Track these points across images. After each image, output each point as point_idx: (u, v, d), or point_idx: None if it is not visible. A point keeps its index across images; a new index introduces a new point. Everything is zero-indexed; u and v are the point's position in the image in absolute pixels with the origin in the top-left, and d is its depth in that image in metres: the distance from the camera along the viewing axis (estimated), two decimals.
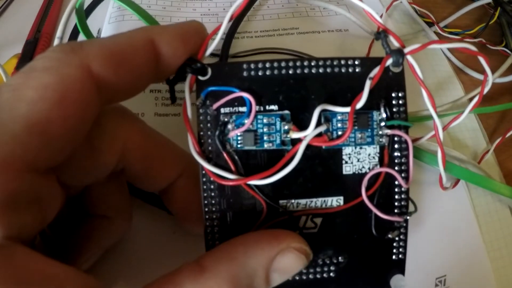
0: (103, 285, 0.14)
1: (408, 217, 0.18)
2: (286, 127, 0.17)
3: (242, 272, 0.15)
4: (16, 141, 0.13)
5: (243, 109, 0.17)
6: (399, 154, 0.18)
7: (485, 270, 0.24)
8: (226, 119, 0.17)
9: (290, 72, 0.18)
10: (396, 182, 0.18)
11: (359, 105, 0.17)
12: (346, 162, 0.18)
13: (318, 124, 0.17)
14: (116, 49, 0.15)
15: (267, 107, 0.18)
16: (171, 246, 0.22)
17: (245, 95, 0.17)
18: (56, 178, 0.16)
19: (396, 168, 0.18)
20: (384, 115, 0.18)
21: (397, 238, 0.18)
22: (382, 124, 0.18)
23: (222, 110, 0.18)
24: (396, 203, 0.18)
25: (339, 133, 0.18)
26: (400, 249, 0.19)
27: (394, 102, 0.18)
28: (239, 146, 0.17)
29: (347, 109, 0.17)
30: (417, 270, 0.23)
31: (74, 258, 0.18)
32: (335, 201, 0.18)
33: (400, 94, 0.18)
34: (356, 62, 0.18)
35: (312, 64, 0.18)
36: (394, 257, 0.19)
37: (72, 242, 0.19)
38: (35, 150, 0.13)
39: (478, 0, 0.36)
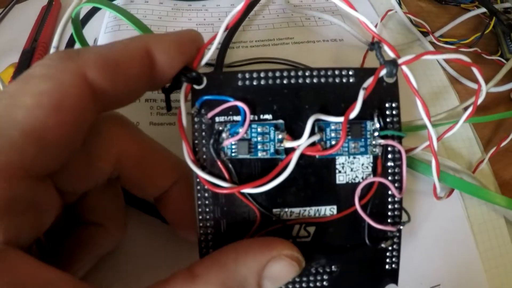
0: None
1: (401, 227, 0.18)
2: (280, 136, 0.17)
3: (233, 279, 0.15)
4: (13, 148, 0.13)
5: (237, 118, 0.18)
6: (392, 164, 0.18)
7: (480, 280, 0.24)
8: (220, 128, 0.17)
9: (285, 81, 0.18)
10: (390, 192, 0.18)
11: (353, 115, 0.17)
12: (340, 172, 0.18)
13: (312, 133, 0.17)
14: (112, 57, 0.15)
15: (261, 116, 0.18)
16: (165, 254, 0.22)
17: (240, 104, 0.17)
18: (53, 184, 0.16)
19: (390, 178, 0.18)
20: (377, 125, 0.18)
21: (390, 248, 0.18)
22: (376, 134, 0.18)
23: (217, 119, 0.18)
24: (389, 213, 0.18)
25: (333, 142, 0.18)
26: (394, 259, 0.19)
27: (387, 112, 0.18)
28: (233, 154, 0.17)
29: (341, 119, 0.17)
30: (411, 279, 0.23)
31: (68, 266, 0.18)
32: (329, 210, 0.18)
33: (393, 105, 0.18)
34: (350, 73, 0.18)
35: (306, 74, 0.18)
36: (387, 266, 0.19)
37: (66, 250, 0.19)
38: (32, 156, 0.13)
39: (473, 10, 0.36)
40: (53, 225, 0.16)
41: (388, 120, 0.18)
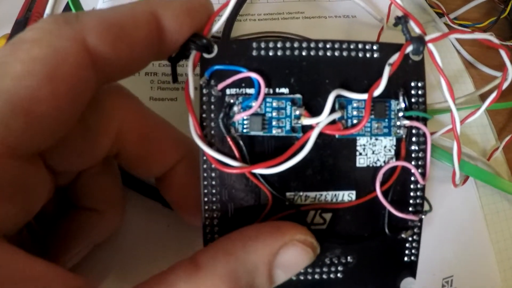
0: (92, 285, 0.13)
1: (423, 216, 0.17)
2: (297, 112, 0.16)
3: (242, 269, 0.13)
4: None
5: (250, 91, 0.16)
6: (416, 147, 0.17)
7: (492, 271, 0.23)
8: (231, 101, 0.16)
9: (303, 53, 0.16)
10: (412, 178, 0.17)
11: (377, 92, 0.16)
12: (360, 154, 0.16)
13: (332, 110, 0.16)
14: (116, 21, 0.14)
15: (277, 90, 0.16)
16: (166, 241, 0.20)
17: (254, 75, 0.16)
18: (43, 163, 0.14)
19: (413, 162, 0.17)
20: (402, 105, 0.17)
21: (410, 239, 0.17)
22: (400, 114, 0.17)
23: (228, 91, 0.16)
24: (411, 201, 0.17)
25: (354, 121, 0.16)
26: (413, 250, 0.17)
27: (413, 92, 0.17)
28: (244, 131, 0.16)
29: (364, 96, 0.16)
30: (424, 270, 0.22)
31: (61, 253, 0.17)
32: (347, 196, 0.17)
33: (419, 84, 0.17)
34: (374, 47, 0.17)
35: (328, 46, 0.16)
36: (406, 258, 0.17)
37: (59, 236, 0.17)
38: (19, 132, 0.12)
39: None
40: (46, 209, 0.15)
41: (413, 100, 0.17)
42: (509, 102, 0.27)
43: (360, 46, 0.17)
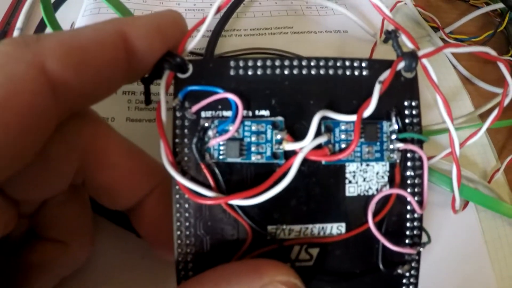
0: None
1: (421, 249, 0.15)
2: (278, 137, 0.14)
3: None
4: None
5: (228, 113, 0.15)
6: (412, 173, 0.15)
7: None
8: (206, 124, 0.14)
9: (286, 72, 0.15)
10: (408, 207, 0.15)
11: (367, 113, 0.15)
12: (350, 182, 0.15)
13: (318, 134, 0.14)
14: (78, 44, 0.13)
15: (256, 112, 0.15)
16: (139, 273, 0.19)
17: (231, 96, 0.14)
18: (1, 193, 0.13)
19: (409, 190, 0.15)
20: (395, 126, 0.15)
21: (407, 274, 0.16)
22: (393, 137, 0.15)
23: (203, 114, 0.15)
24: (407, 232, 0.15)
25: (343, 146, 0.15)
26: (411, 287, 0.16)
27: (406, 112, 0.15)
28: (221, 157, 0.14)
29: (353, 118, 0.14)
30: None
31: (24, 286, 0.15)
32: (336, 229, 0.15)
33: (413, 103, 0.16)
34: (363, 64, 0.15)
35: (312, 64, 0.15)
36: None
37: (23, 268, 0.16)
38: None
39: (482, 7, 0.34)
40: (8, 239, 0.14)
41: (407, 121, 0.15)
42: (510, 119, 0.26)
43: (347, 63, 0.15)
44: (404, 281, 0.16)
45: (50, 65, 0.12)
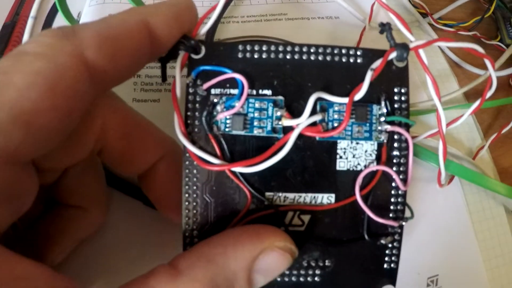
0: (77, 286, 0.13)
1: (404, 223, 0.17)
2: (278, 114, 0.16)
3: (221, 275, 0.14)
4: None
5: (234, 91, 0.16)
6: (398, 153, 0.17)
7: (478, 270, 0.23)
8: (215, 100, 0.16)
9: (288, 57, 0.17)
10: (393, 184, 0.17)
11: (358, 96, 0.16)
12: (341, 157, 0.17)
13: (313, 113, 0.16)
14: (111, 34, 0.14)
15: (260, 91, 0.16)
16: (149, 239, 0.20)
17: (238, 76, 0.16)
18: (33, 166, 0.14)
19: (394, 168, 0.17)
20: (384, 110, 0.17)
21: (390, 245, 0.17)
22: (382, 119, 0.17)
23: (213, 91, 0.16)
24: (391, 207, 0.17)
25: (335, 124, 0.16)
26: (393, 257, 0.17)
27: (396, 97, 0.17)
28: (227, 129, 0.16)
29: (345, 100, 0.16)
30: (408, 269, 0.21)
31: (46, 250, 0.17)
32: (326, 199, 0.17)
33: (402, 90, 0.17)
34: (358, 53, 0.17)
35: (312, 50, 0.17)
36: (385, 265, 0.17)
37: (44, 233, 0.17)
38: (18, 141, 0.12)
39: None
40: (30, 207, 0.15)
41: (396, 106, 0.17)
42: (495, 100, 0.27)
43: (343, 51, 0.17)
44: (387, 251, 0.17)
45: (89, 55, 0.13)
